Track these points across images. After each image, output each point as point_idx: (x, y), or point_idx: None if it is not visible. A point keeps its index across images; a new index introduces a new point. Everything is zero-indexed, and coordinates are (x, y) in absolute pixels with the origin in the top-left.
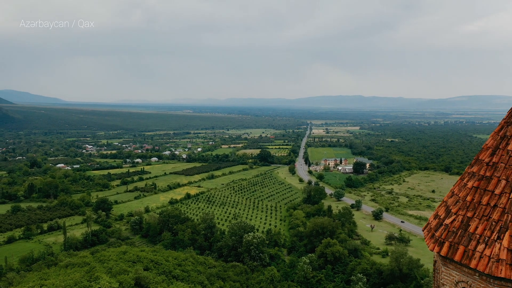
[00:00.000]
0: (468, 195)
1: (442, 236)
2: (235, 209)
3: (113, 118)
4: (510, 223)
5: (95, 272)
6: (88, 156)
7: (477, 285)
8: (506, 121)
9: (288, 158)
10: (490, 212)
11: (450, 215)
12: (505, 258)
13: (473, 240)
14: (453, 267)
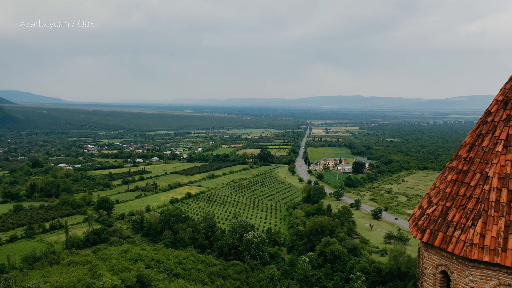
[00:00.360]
0: (448, 187)
1: (424, 224)
2: (235, 208)
3: (114, 118)
4: (483, 212)
5: (97, 269)
6: (90, 156)
7: (455, 268)
8: (482, 120)
9: (288, 158)
10: (466, 202)
11: (432, 205)
12: (478, 242)
13: (451, 227)
14: (434, 252)
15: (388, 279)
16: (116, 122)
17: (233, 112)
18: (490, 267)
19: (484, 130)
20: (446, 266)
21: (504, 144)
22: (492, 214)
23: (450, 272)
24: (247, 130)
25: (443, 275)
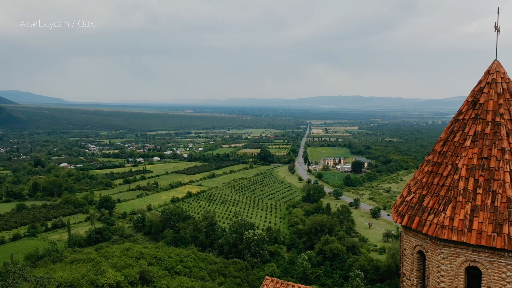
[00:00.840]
0: (424, 177)
1: (403, 210)
2: (235, 207)
3: (115, 118)
4: (452, 198)
5: (101, 266)
6: (91, 155)
7: (429, 247)
8: (455, 118)
9: (288, 158)
10: (439, 190)
11: (410, 194)
12: (448, 224)
13: (425, 212)
14: (412, 234)
15: (386, 276)
16: (117, 122)
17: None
18: (458, 246)
19: (456, 127)
20: (422, 246)
21: (472, 139)
22: (460, 200)
23: (425, 252)
24: (247, 130)
25: (419, 254)
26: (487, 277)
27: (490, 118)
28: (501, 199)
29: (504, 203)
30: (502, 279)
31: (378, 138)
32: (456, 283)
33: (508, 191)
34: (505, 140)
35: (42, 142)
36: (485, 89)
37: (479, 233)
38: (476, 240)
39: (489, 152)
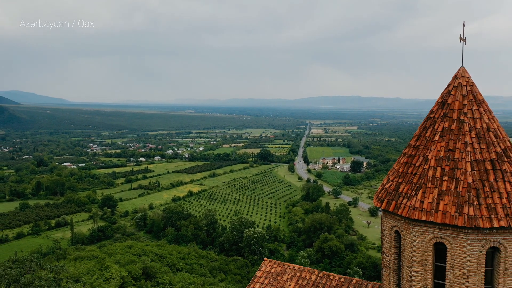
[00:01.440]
0: (400, 167)
1: (382, 196)
2: (236, 206)
3: (117, 118)
4: (423, 184)
5: (105, 262)
6: (93, 155)
7: (403, 227)
8: (427, 117)
9: (288, 157)
10: (412, 178)
11: (389, 182)
12: (418, 207)
13: (400, 197)
14: (390, 217)
15: None
16: (119, 122)
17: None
18: (427, 225)
19: (428, 124)
20: (398, 226)
21: (440, 135)
22: (429, 186)
23: (401, 231)
24: (248, 130)
25: (396, 234)
26: (451, 250)
27: (455, 116)
28: (463, 185)
29: (465, 188)
30: (463, 252)
31: (377, 138)
32: (426, 257)
33: (469, 178)
34: (468, 135)
35: (44, 142)
36: (452, 91)
37: (444, 213)
38: (441, 219)
39: (454, 145)
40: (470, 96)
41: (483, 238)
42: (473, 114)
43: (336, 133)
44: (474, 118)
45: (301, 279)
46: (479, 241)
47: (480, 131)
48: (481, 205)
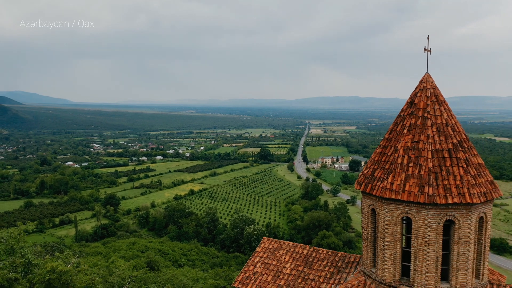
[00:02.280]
0: (376, 156)
1: (361, 180)
2: (236, 204)
3: (119, 118)
4: (393, 169)
5: (110, 256)
6: (96, 154)
7: (377, 205)
8: (399, 114)
9: (287, 157)
10: (385, 164)
11: (366, 169)
12: (389, 188)
13: (375, 180)
14: (367, 197)
15: None
16: (121, 122)
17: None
18: (396, 202)
19: (399, 120)
20: (373, 205)
21: (408, 129)
22: (398, 171)
23: (376, 208)
24: (248, 129)
25: (372, 211)
26: (415, 223)
27: (420, 114)
28: (425, 169)
29: (426, 172)
30: (425, 224)
31: (375, 137)
32: (395, 229)
33: (429, 164)
34: (430, 129)
35: (47, 141)
36: (418, 93)
37: (409, 193)
38: (407, 198)
39: (418, 138)
40: (433, 97)
41: (440, 212)
42: (435, 112)
43: (335, 133)
44: (436, 115)
45: (295, 253)
46: (437, 215)
47: (440, 126)
48: (439, 185)
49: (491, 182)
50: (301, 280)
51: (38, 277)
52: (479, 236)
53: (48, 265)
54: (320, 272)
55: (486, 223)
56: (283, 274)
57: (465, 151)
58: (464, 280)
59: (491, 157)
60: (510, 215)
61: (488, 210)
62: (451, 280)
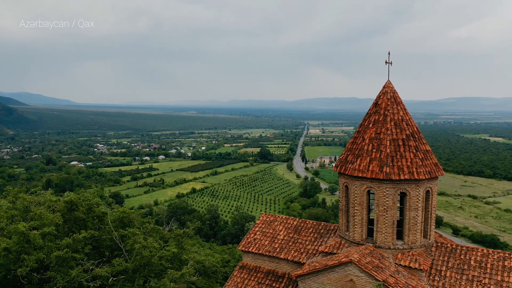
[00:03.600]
0: (349, 145)
1: (338, 164)
2: (237, 202)
3: (122, 118)
4: (360, 154)
5: None
6: (100, 154)
7: (349, 182)
8: (367, 112)
9: (286, 156)
10: (355, 151)
11: (342, 155)
12: (357, 168)
13: (348, 163)
14: (342, 177)
15: None
16: (124, 122)
17: (235, 113)
18: (363, 180)
19: (367, 117)
20: (346, 182)
21: (373, 123)
22: (364, 155)
23: (348, 185)
24: (248, 130)
25: (345, 187)
26: (377, 195)
27: (382, 112)
28: (384, 154)
29: (385, 156)
30: (384, 196)
31: None
32: (362, 200)
33: (387, 150)
34: (389, 123)
35: (52, 141)
36: (381, 96)
37: (372, 172)
38: (370, 175)
39: (380, 130)
40: (392, 99)
41: (395, 186)
42: (393, 111)
43: (333, 133)
44: (393, 113)
45: (287, 224)
46: (393, 189)
47: (397, 121)
48: (394, 166)
49: (435, 164)
50: (291, 243)
51: (116, 214)
52: (426, 205)
53: (119, 209)
54: (307, 237)
55: (432, 195)
56: (277, 239)
57: (416, 140)
58: (414, 239)
59: (485, 156)
60: (502, 213)
61: (433, 185)
62: (404, 238)
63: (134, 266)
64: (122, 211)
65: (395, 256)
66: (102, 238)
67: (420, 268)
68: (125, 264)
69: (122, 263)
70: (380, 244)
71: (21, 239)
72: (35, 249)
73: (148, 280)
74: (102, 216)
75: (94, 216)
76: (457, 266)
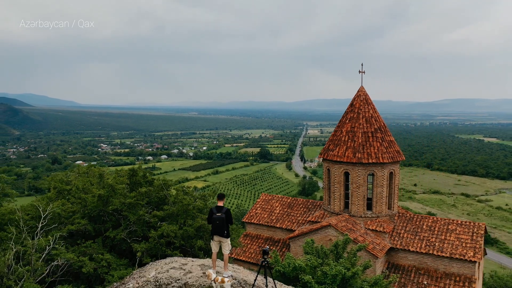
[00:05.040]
0: (331, 137)
1: (322, 152)
2: (237, 200)
3: (125, 119)
4: (339, 144)
5: None
6: (104, 154)
7: (330, 166)
8: (345, 111)
9: (286, 156)
10: (335, 141)
11: (325, 145)
12: (336, 154)
13: (329, 150)
14: (325, 162)
15: None
16: (127, 123)
17: (235, 114)
18: (340, 163)
19: (345, 114)
20: (328, 166)
21: (349, 120)
22: (342, 144)
23: (329, 168)
24: (248, 130)
25: (328, 170)
26: (351, 175)
27: (356, 110)
28: (356, 143)
29: (358, 145)
30: (357, 176)
31: None
32: (340, 179)
33: (359, 140)
34: (361, 119)
35: (57, 141)
36: (356, 98)
37: (348, 157)
38: (346, 160)
39: (354, 125)
40: (364, 100)
41: (365, 168)
42: (365, 110)
43: (331, 133)
44: (365, 111)
45: (282, 201)
46: (364, 170)
47: (368, 118)
48: (364, 152)
49: (397, 151)
50: (285, 216)
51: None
52: (390, 183)
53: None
54: (298, 211)
55: (394, 176)
56: (274, 213)
57: (382, 133)
58: (381, 209)
59: (479, 156)
60: (494, 210)
61: (396, 168)
62: (373, 209)
63: (177, 210)
64: (163, 179)
65: (365, 223)
66: (153, 194)
67: (383, 231)
68: (172, 208)
69: (170, 209)
70: (354, 214)
71: (109, 189)
72: (117, 197)
73: (186, 221)
74: (151, 181)
75: (146, 180)
76: (412, 229)
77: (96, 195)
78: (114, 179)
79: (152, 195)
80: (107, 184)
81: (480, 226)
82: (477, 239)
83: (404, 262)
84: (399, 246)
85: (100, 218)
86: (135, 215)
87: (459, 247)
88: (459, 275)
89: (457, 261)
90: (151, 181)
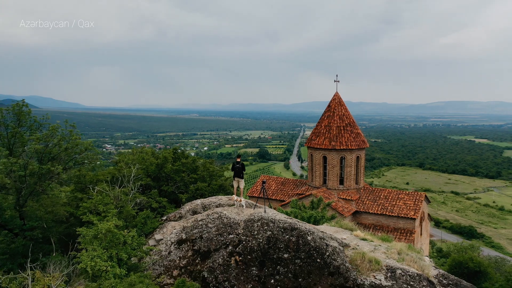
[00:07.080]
0: (314, 130)
1: (307, 141)
2: None
3: (128, 121)
4: (319, 135)
5: None
6: (108, 154)
7: (312, 151)
8: (324, 110)
9: (284, 156)
10: (317, 133)
11: (310, 136)
12: (317, 143)
13: (312, 140)
14: (309, 149)
15: None
16: (130, 124)
17: (235, 115)
18: (320, 150)
19: (324, 113)
20: (311, 152)
21: (326, 117)
22: (321, 135)
23: (312, 153)
24: (248, 131)
25: (311, 155)
26: (328, 158)
27: (332, 110)
28: (332, 134)
29: (333, 136)
30: (332, 159)
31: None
32: (320, 162)
33: (334, 132)
34: (336, 117)
35: None
36: (332, 100)
37: (325, 145)
38: (324, 147)
39: (330, 121)
40: (338, 103)
41: (338, 153)
42: (339, 109)
43: None
44: (338, 110)
45: (277, 181)
46: (337, 154)
47: (341, 116)
48: (337, 141)
49: (363, 141)
50: (279, 191)
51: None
52: (357, 164)
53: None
54: (289, 187)
55: (360, 159)
56: (270, 189)
57: (351, 127)
58: (350, 184)
59: (469, 156)
60: (481, 207)
61: (361, 153)
62: (344, 184)
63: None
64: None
65: (338, 194)
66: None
67: (351, 199)
68: (203, 173)
69: (201, 173)
70: (330, 187)
71: (164, 159)
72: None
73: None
74: (187, 156)
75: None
76: (372, 198)
77: (154, 164)
78: (165, 154)
79: (188, 164)
80: (162, 156)
81: (421, 195)
82: (418, 204)
83: (366, 221)
84: (362, 209)
85: (157, 178)
86: (179, 176)
87: (404, 209)
88: (404, 228)
89: (402, 219)
90: (186, 156)
